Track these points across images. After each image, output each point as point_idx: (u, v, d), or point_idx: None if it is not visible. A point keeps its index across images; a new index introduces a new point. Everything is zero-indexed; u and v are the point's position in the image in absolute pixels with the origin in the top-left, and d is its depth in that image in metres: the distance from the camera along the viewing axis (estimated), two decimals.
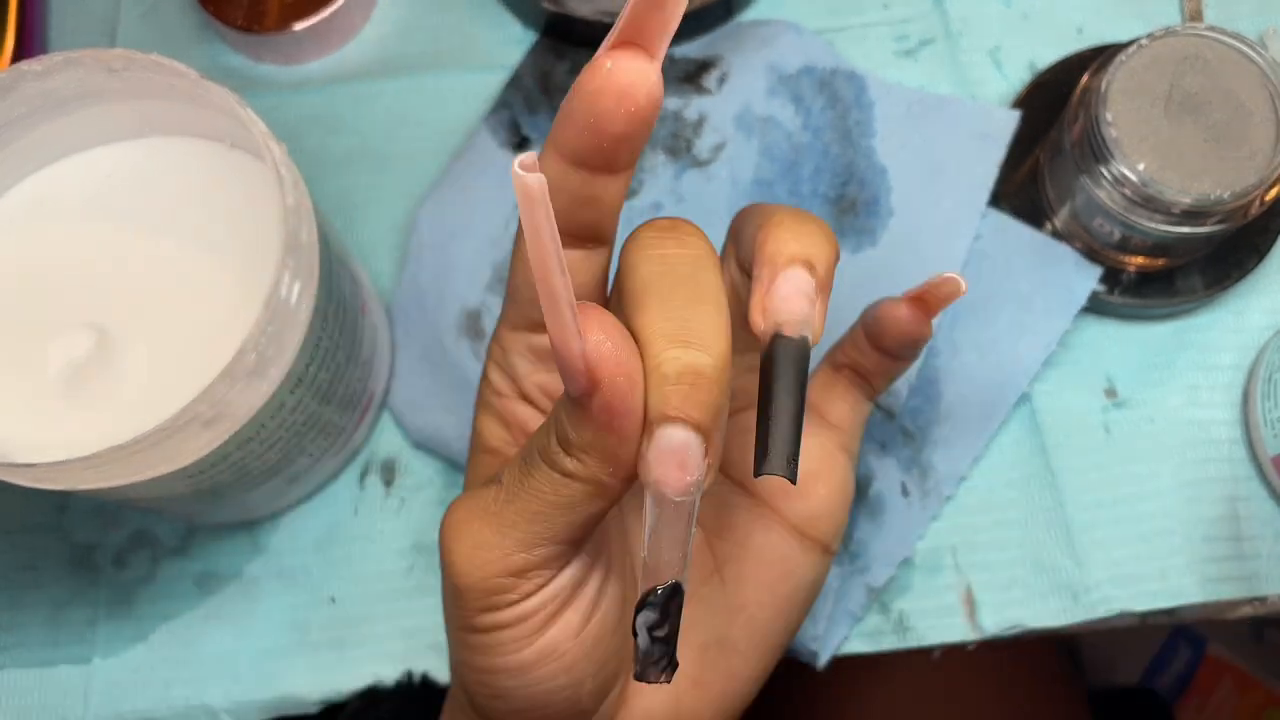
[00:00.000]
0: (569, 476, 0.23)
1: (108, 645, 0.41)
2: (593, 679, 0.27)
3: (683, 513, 0.22)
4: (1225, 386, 0.41)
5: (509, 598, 0.25)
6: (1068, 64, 0.44)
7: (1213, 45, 0.38)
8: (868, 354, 0.31)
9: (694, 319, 0.23)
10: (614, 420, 0.22)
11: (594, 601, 0.26)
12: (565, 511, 0.24)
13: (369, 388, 0.40)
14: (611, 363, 0.21)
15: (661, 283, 0.23)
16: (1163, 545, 0.39)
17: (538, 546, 0.24)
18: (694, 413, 0.22)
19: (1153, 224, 0.37)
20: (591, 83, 0.23)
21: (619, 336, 0.22)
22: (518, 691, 0.26)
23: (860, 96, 0.43)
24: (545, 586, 0.25)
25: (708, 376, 0.22)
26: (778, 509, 0.31)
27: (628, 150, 0.24)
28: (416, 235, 0.43)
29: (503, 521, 0.24)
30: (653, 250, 0.24)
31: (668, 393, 0.22)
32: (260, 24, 0.45)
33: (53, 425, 0.35)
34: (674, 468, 0.22)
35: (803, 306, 0.24)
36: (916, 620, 0.39)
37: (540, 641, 0.25)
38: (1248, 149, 0.37)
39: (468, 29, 0.48)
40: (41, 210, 0.37)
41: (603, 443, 0.22)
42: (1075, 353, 0.42)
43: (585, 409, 0.22)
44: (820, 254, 0.25)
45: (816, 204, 0.42)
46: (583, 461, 0.23)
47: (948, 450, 0.40)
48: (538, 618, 0.25)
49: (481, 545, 0.24)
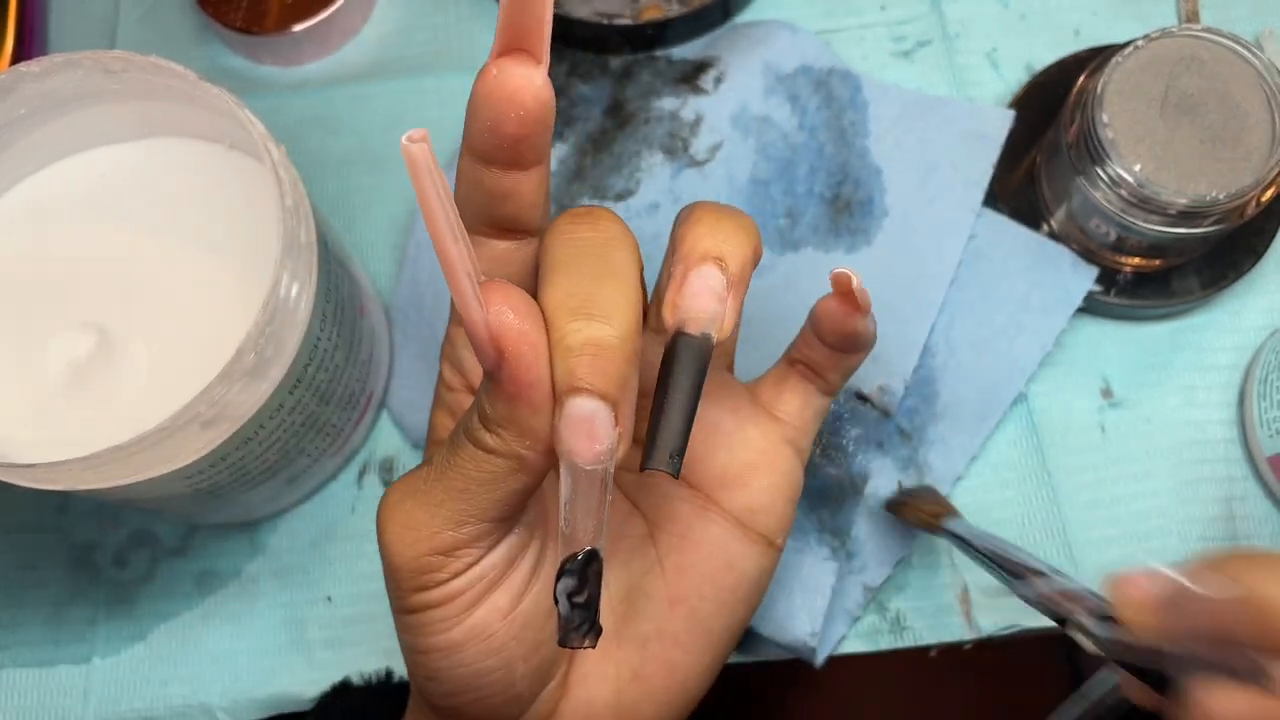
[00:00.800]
0: (489, 452, 0.24)
1: (107, 644, 0.41)
2: (524, 662, 0.27)
3: (595, 481, 0.23)
4: (1221, 387, 0.41)
5: (438, 577, 0.25)
6: (1064, 65, 0.44)
7: (1209, 46, 0.38)
8: (816, 348, 0.31)
9: (598, 293, 0.23)
10: (522, 391, 0.23)
11: (524, 584, 0.27)
12: (489, 488, 0.24)
13: (368, 388, 0.41)
14: (515, 333, 0.22)
15: (570, 261, 0.24)
16: (1159, 545, 0.39)
17: (465, 524, 0.25)
18: (598, 382, 0.22)
19: (1149, 225, 0.37)
20: (481, 88, 0.24)
21: (524, 308, 0.22)
22: (449, 673, 0.26)
23: (855, 97, 0.44)
24: (474, 566, 0.25)
25: (611, 347, 0.23)
26: (717, 501, 0.30)
27: (529, 147, 0.25)
28: (415, 236, 0.43)
29: (431, 500, 0.25)
30: (566, 235, 0.25)
31: (571, 364, 0.22)
32: (259, 25, 0.46)
33: (53, 425, 0.35)
34: (583, 437, 0.22)
35: (710, 304, 0.25)
36: (914, 620, 0.39)
37: (469, 621, 0.26)
38: (1244, 150, 0.37)
39: (466, 30, 0.48)
40: (41, 211, 0.38)
41: (516, 415, 0.23)
42: (1071, 353, 0.42)
43: (497, 382, 0.23)
44: (735, 250, 0.25)
45: (812, 203, 0.43)
46: (500, 436, 0.23)
47: (944, 450, 0.40)
48: (465, 597, 0.26)
49: (411, 524, 0.25)
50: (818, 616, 0.37)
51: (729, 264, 0.25)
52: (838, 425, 0.40)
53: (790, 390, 0.32)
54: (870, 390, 0.40)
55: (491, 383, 0.23)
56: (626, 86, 0.45)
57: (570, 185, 0.43)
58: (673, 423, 0.24)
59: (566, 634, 0.23)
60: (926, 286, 0.41)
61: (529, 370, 0.22)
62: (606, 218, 0.26)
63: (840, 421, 0.40)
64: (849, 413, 0.40)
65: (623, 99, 0.44)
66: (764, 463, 0.31)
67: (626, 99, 0.44)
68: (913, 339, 0.40)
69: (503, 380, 0.23)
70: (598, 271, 0.24)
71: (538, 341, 0.22)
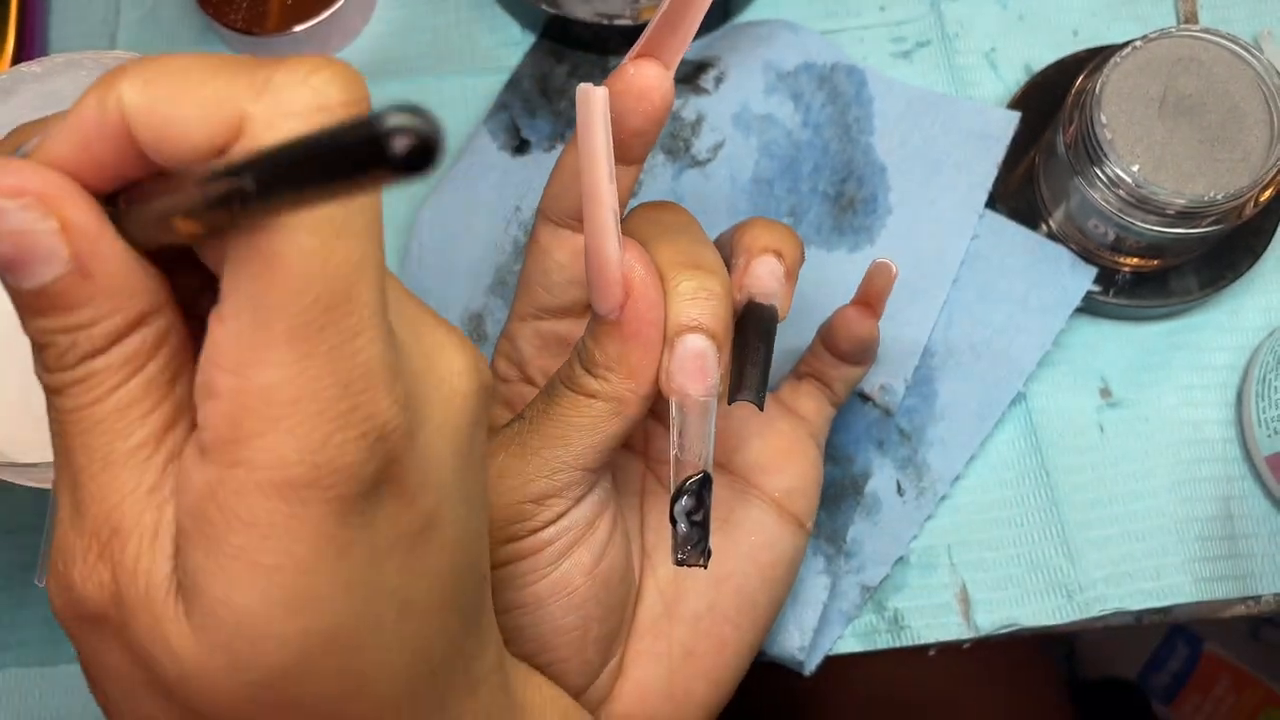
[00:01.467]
0: (592, 396, 0.26)
1: None
2: (599, 624, 0.28)
3: (705, 411, 0.26)
4: (1219, 386, 0.41)
5: (529, 525, 0.27)
6: (1063, 66, 0.44)
7: (1207, 47, 0.38)
8: (826, 360, 0.35)
9: (699, 252, 0.27)
10: (642, 329, 0.25)
11: (605, 543, 0.28)
12: (587, 433, 0.26)
13: None
14: (641, 276, 0.25)
15: (666, 230, 0.28)
16: (1157, 544, 0.40)
17: (559, 471, 0.26)
18: (709, 322, 0.26)
19: (1147, 225, 0.37)
20: (617, 84, 0.27)
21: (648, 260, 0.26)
22: (531, 630, 0.28)
23: (860, 92, 0.44)
24: (563, 516, 0.27)
25: (718, 294, 0.26)
26: (758, 484, 0.33)
27: (642, 144, 0.28)
28: (417, 238, 0.43)
29: (526, 449, 0.27)
30: (655, 214, 0.29)
31: (684, 305, 0.26)
32: (260, 26, 0.46)
33: None
34: (695, 370, 0.26)
35: (773, 284, 0.29)
36: (912, 619, 0.39)
37: (555, 574, 0.27)
38: (1242, 150, 0.37)
39: (466, 31, 0.48)
40: None
41: (628, 355, 0.25)
42: (1070, 353, 0.42)
43: (613, 324, 0.25)
44: (788, 248, 0.30)
45: (815, 201, 0.43)
46: (606, 379, 0.26)
47: (943, 449, 0.40)
48: (555, 548, 0.27)
49: (504, 473, 0.27)
50: (808, 631, 0.38)
51: (785, 257, 0.29)
52: (839, 424, 0.40)
53: (805, 395, 0.36)
54: (872, 389, 0.40)
55: (605, 325, 0.25)
56: None
57: None
58: (756, 365, 0.28)
59: (685, 551, 0.26)
60: (929, 286, 0.41)
61: (651, 308, 0.25)
62: (679, 207, 0.30)
63: (842, 421, 0.40)
64: (851, 412, 0.40)
65: None
66: (795, 450, 0.34)
67: None
68: (915, 338, 0.40)
69: (624, 319, 0.25)
70: (695, 237, 0.28)
71: (658, 287, 0.25)
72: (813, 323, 0.36)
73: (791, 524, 0.33)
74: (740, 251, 0.29)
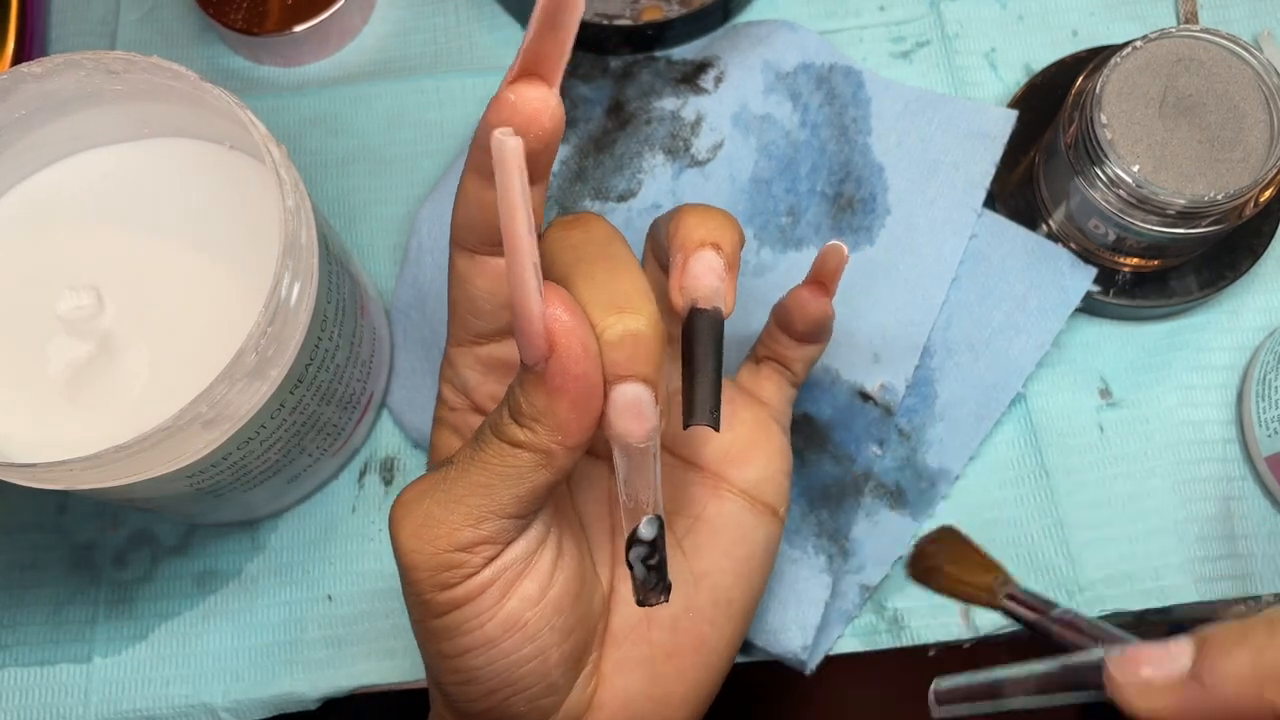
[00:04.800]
0: (518, 446, 0.25)
1: (108, 644, 0.41)
2: (557, 649, 0.28)
3: (647, 456, 0.25)
4: (1220, 387, 0.41)
5: (460, 573, 0.26)
6: (1063, 66, 0.44)
7: (1207, 47, 0.38)
8: (783, 341, 0.35)
9: (619, 287, 0.25)
10: (567, 383, 0.24)
11: (550, 572, 0.28)
12: (512, 483, 0.25)
13: (368, 388, 0.41)
14: (567, 328, 0.24)
15: (580, 264, 0.26)
16: (1157, 545, 0.40)
17: (485, 520, 0.26)
18: (639, 368, 0.25)
19: (1147, 225, 0.37)
20: (499, 116, 0.25)
21: (574, 307, 0.24)
22: (486, 669, 0.27)
23: (857, 93, 0.44)
24: (495, 560, 0.26)
25: (645, 335, 0.25)
26: (727, 477, 0.33)
27: (543, 162, 0.27)
28: (416, 237, 0.43)
29: (450, 496, 0.26)
30: (565, 240, 0.27)
31: (612, 354, 0.24)
32: (260, 26, 0.46)
33: (53, 425, 0.35)
34: (633, 419, 0.25)
35: (713, 282, 0.28)
36: (912, 619, 0.39)
37: (501, 614, 0.27)
38: (1242, 150, 0.37)
39: (466, 31, 0.48)
40: (42, 211, 0.38)
41: (554, 408, 0.24)
42: (1070, 353, 0.42)
43: (539, 376, 0.24)
44: (726, 238, 0.28)
45: (814, 201, 0.43)
46: (532, 430, 0.25)
47: (943, 449, 0.40)
48: (494, 589, 0.26)
49: (429, 522, 0.26)
50: (810, 630, 0.38)
51: (723, 248, 0.28)
52: (839, 423, 0.40)
53: (765, 379, 0.35)
54: (872, 388, 0.40)
55: (531, 377, 0.24)
56: (627, 87, 0.45)
57: (572, 186, 0.43)
58: (706, 384, 0.27)
59: (645, 595, 0.26)
60: (928, 285, 0.41)
61: (577, 362, 0.24)
62: (594, 219, 0.28)
63: (842, 420, 0.40)
64: (851, 411, 0.40)
65: (623, 99, 0.45)
66: (761, 439, 0.34)
67: (627, 99, 0.45)
68: (914, 338, 0.40)
69: (549, 373, 0.24)
70: (609, 268, 0.26)
71: (586, 338, 0.24)
72: None
73: (765, 514, 0.33)
74: (676, 249, 0.28)
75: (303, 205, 0.33)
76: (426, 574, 0.26)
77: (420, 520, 0.26)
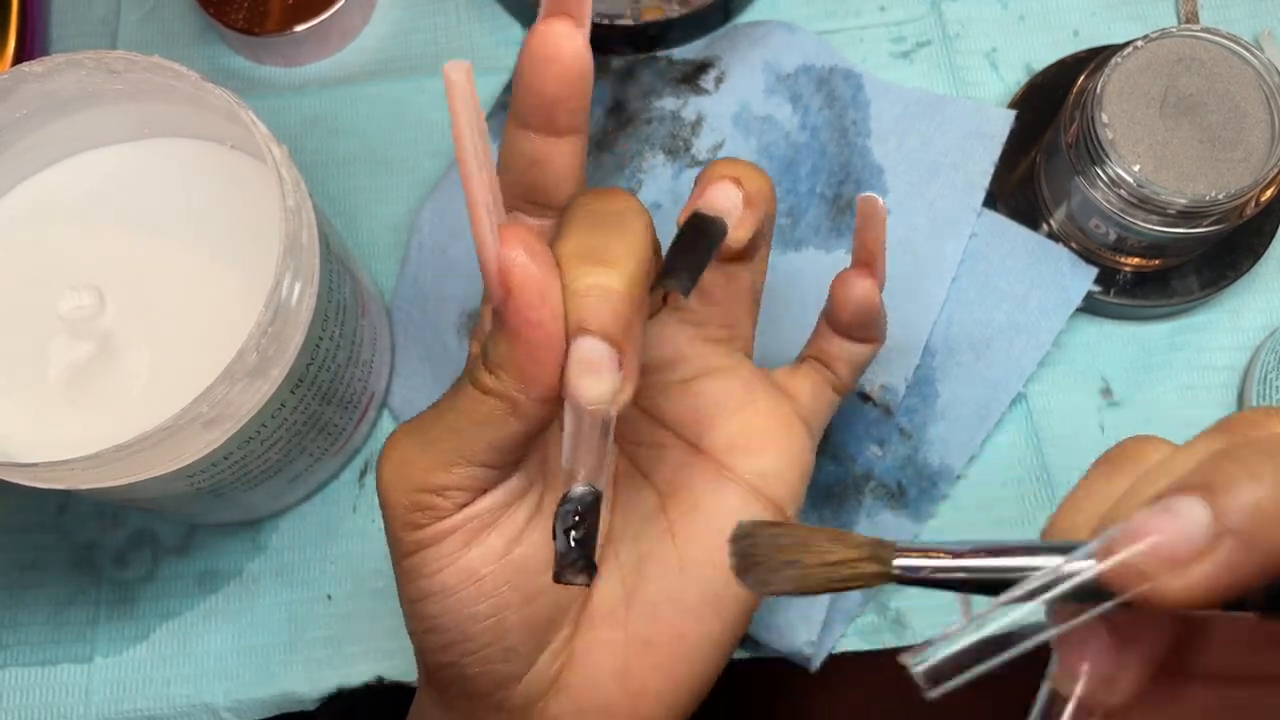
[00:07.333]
0: (485, 392, 0.24)
1: (109, 644, 0.41)
2: (517, 612, 0.27)
3: (597, 422, 0.23)
4: (1220, 387, 0.41)
5: (429, 514, 0.26)
6: (1064, 66, 0.44)
7: (1208, 47, 0.38)
8: (828, 338, 0.33)
9: (607, 245, 0.24)
10: (524, 330, 0.23)
11: (520, 530, 0.27)
12: (482, 429, 0.25)
13: (369, 387, 0.41)
14: (522, 271, 0.23)
15: (586, 219, 0.25)
16: None
17: (456, 465, 0.25)
18: (602, 324, 0.23)
19: (1148, 225, 0.37)
20: (525, 50, 0.25)
21: (538, 251, 0.23)
22: (442, 619, 0.27)
23: (857, 95, 0.44)
24: (466, 506, 0.26)
25: (615, 290, 0.23)
26: (732, 466, 0.31)
27: (565, 110, 0.25)
28: (417, 236, 0.43)
29: (427, 437, 0.25)
30: (584, 202, 0.26)
31: (576, 304, 0.23)
32: (261, 26, 0.46)
33: (54, 425, 0.35)
34: (587, 375, 0.23)
35: (724, 204, 0.27)
36: (914, 618, 0.39)
37: (461, 562, 0.26)
38: (1243, 150, 0.37)
39: (466, 31, 0.48)
40: (43, 211, 0.38)
41: (513, 354, 0.23)
42: (1071, 353, 0.42)
43: (501, 321, 0.23)
44: (750, 177, 0.28)
45: (813, 203, 0.43)
46: (498, 377, 0.24)
47: (944, 448, 0.40)
48: (457, 537, 0.26)
49: (405, 460, 0.26)
50: (815, 626, 0.38)
51: (745, 185, 0.27)
52: (839, 424, 0.40)
53: (802, 375, 0.33)
54: (872, 389, 0.40)
55: (497, 321, 0.24)
56: (628, 87, 0.45)
57: None
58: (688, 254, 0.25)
59: (562, 569, 0.24)
60: (929, 285, 0.41)
61: (531, 309, 0.23)
62: (622, 193, 0.27)
63: (842, 420, 0.40)
64: (851, 411, 0.40)
65: (624, 99, 0.45)
66: (777, 429, 0.31)
67: (628, 99, 0.45)
68: (915, 338, 0.40)
69: (506, 316, 0.23)
70: (611, 228, 0.25)
71: (545, 283, 0.23)
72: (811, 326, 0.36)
73: (770, 510, 0.31)
74: (698, 183, 0.28)
75: (304, 205, 0.33)
76: (400, 512, 0.26)
77: (399, 458, 0.26)
